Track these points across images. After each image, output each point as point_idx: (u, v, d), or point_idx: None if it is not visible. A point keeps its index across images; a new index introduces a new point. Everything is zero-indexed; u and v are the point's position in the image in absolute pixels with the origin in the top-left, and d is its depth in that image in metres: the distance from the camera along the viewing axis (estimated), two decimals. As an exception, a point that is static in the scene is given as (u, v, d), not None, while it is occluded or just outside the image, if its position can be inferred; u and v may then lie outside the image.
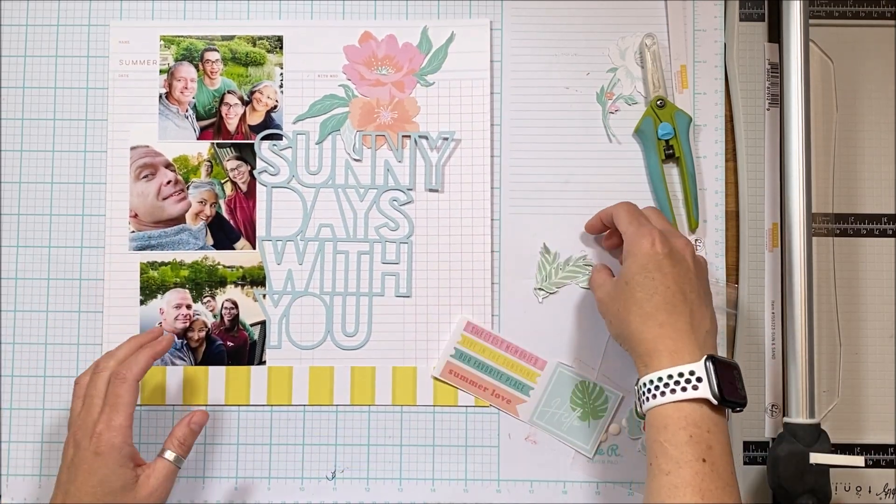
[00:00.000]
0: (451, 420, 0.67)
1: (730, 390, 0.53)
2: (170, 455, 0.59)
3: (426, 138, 0.69)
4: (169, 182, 0.68)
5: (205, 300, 0.68)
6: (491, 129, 0.69)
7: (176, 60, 0.69)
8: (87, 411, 0.58)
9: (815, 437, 0.61)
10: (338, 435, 0.67)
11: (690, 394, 0.52)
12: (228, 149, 0.69)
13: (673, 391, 0.52)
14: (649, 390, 0.53)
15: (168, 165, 0.69)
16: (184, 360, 0.67)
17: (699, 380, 0.52)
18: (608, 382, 0.67)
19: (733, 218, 0.69)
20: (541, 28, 0.70)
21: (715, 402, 0.52)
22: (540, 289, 0.68)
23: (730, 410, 0.54)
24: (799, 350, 0.62)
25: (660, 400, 0.53)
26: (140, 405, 0.67)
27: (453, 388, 0.67)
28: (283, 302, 0.68)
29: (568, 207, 0.69)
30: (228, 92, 0.69)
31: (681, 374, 0.52)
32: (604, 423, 0.66)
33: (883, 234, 0.68)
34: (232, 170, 0.69)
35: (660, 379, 0.53)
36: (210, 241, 0.68)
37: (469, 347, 0.67)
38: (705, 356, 0.53)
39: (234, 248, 0.68)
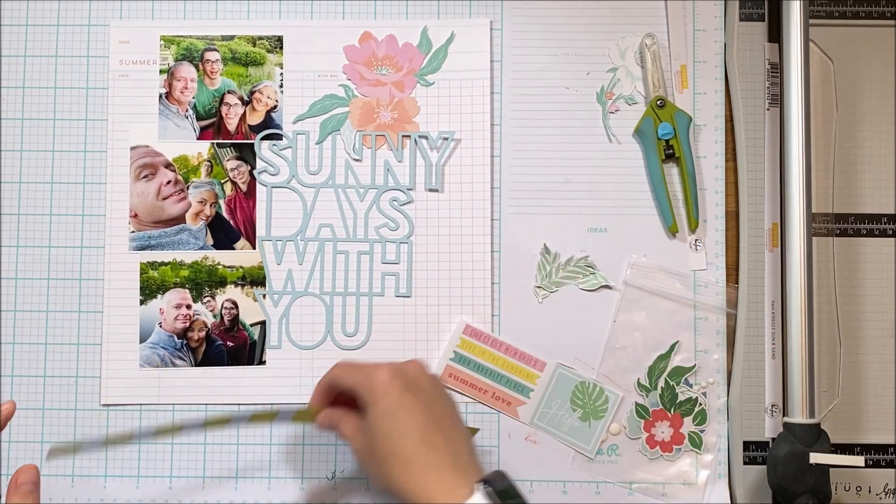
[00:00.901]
0: (451, 420, 0.67)
1: (513, 493, 0.50)
2: None
3: (426, 138, 0.69)
4: (169, 182, 0.68)
5: (205, 300, 0.68)
6: (491, 129, 0.69)
7: (176, 60, 0.69)
8: None
9: (815, 437, 0.61)
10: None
11: None
12: (228, 149, 0.69)
13: None
14: None
15: (168, 165, 0.69)
16: (184, 361, 0.67)
17: None
18: (608, 382, 0.67)
19: (733, 218, 0.69)
20: (541, 28, 0.70)
21: None
22: (539, 287, 0.68)
23: None
24: (799, 350, 0.62)
25: None
26: (140, 405, 0.67)
27: (453, 389, 0.67)
28: (283, 302, 0.68)
29: (568, 207, 0.69)
30: (228, 92, 0.69)
31: None
32: (605, 423, 0.66)
33: (883, 234, 0.68)
34: (232, 170, 0.69)
35: None
36: (210, 241, 0.68)
37: (468, 350, 0.67)
38: (477, 482, 0.50)
39: (234, 248, 0.68)
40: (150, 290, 0.68)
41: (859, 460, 0.61)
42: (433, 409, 0.54)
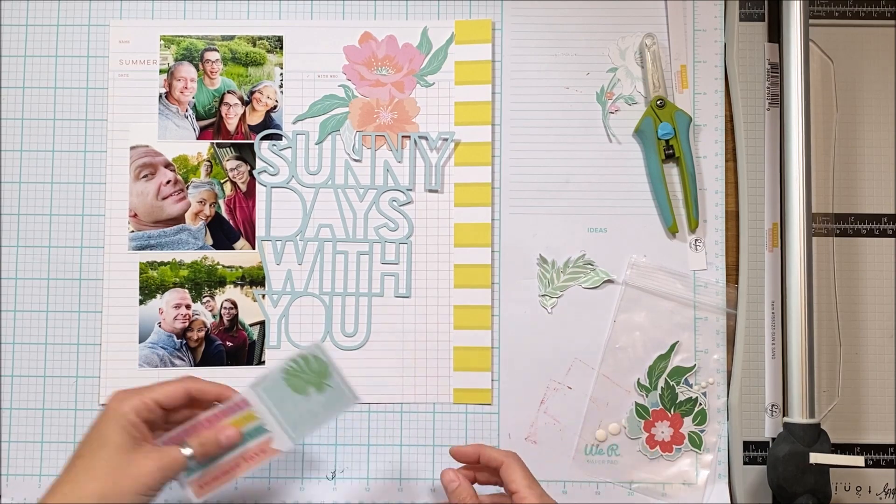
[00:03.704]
0: (450, 420, 0.67)
1: None
2: (186, 450, 0.53)
3: (426, 139, 0.69)
4: (168, 182, 0.68)
5: (204, 300, 0.68)
6: (491, 129, 0.69)
7: (176, 60, 0.69)
8: None
9: (815, 437, 0.61)
10: (338, 435, 0.67)
11: None
12: (228, 149, 0.69)
13: None
14: None
15: (168, 165, 0.69)
16: (183, 360, 0.67)
17: None
18: (607, 381, 0.67)
19: (733, 218, 0.69)
20: (541, 28, 0.70)
21: None
22: (545, 296, 0.68)
23: None
24: (799, 350, 0.62)
25: None
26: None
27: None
28: (283, 302, 0.68)
29: (568, 207, 0.69)
30: (228, 92, 0.69)
31: None
32: (335, 370, 0.58)
33: (883, 234, 0.68)
34: (231, 170, 0.69)
35: None
36: (209, 241, 0.68)
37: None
38: None
39: (233, 248, 0.68)
40: (149, 289, 0.68)
41: (859, 460, 0.61)
42: None
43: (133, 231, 0.68)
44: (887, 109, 0.69)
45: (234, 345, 0.68)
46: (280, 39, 0.69)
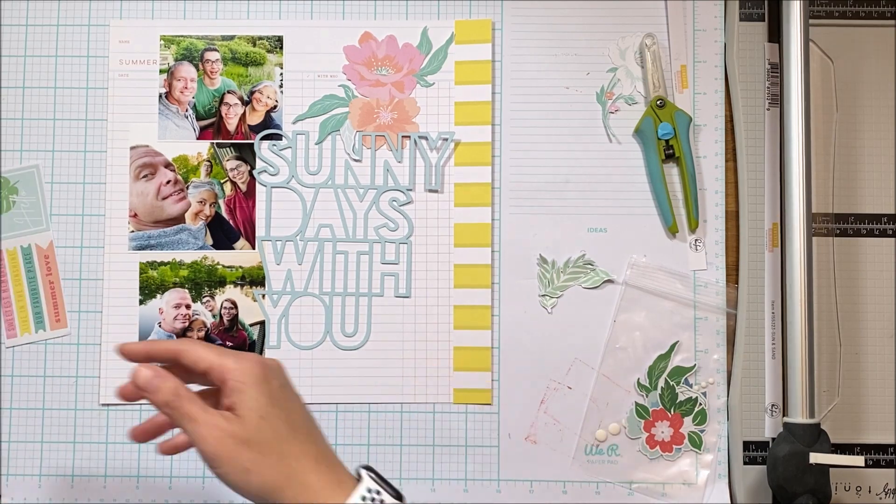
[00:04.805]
0: (450, 420, 0.67)
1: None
2: None
3: (426, 139, 0.69)
4: (168, 182, 0.68)
5: (204, 300, 0.68)
6: (491, 129, 0.69)
7: (176, 60, 0.69)
8: None
9: (815, 437, 0.61)
10: (338, 435, 0.67)
11: None
12: (228, 149, 0.69)
13: None
14: None
15: (168, 165, 0.69)
16: (183, 360, 0.67)
17: (378, 492, 0.48)
18: (607, 381, 0.67)
19: (733, 218, 0.69)
20: (541, 28, 0.70)
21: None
22: (545, 295, 0.68)
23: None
24: (799, 350, 0.62)
25: None
26: (140, 405, 0.67)
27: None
28: (283, 302, 0.68)
29: (568, 207, 0.69)
30: (228, 92, 0.69)
31: (364, 496, 0.48)
32: None
33: (883, 234, 0.68)
34: (231, 170, 0.69)
35: None
36: (209, 241, 0.68)
37: None
38: (359, 469, 0.49)
39: (233, 248, 0.68)
40: (149, 289, 0.68)
41: (859, 460, 0.61)
42: (301, 405, 0.52)
43: (133, 231, 0.68)
44: (887, 109, 0.69)
45: (234, 345, 0.68)
46: (280, 39, 0.69)
